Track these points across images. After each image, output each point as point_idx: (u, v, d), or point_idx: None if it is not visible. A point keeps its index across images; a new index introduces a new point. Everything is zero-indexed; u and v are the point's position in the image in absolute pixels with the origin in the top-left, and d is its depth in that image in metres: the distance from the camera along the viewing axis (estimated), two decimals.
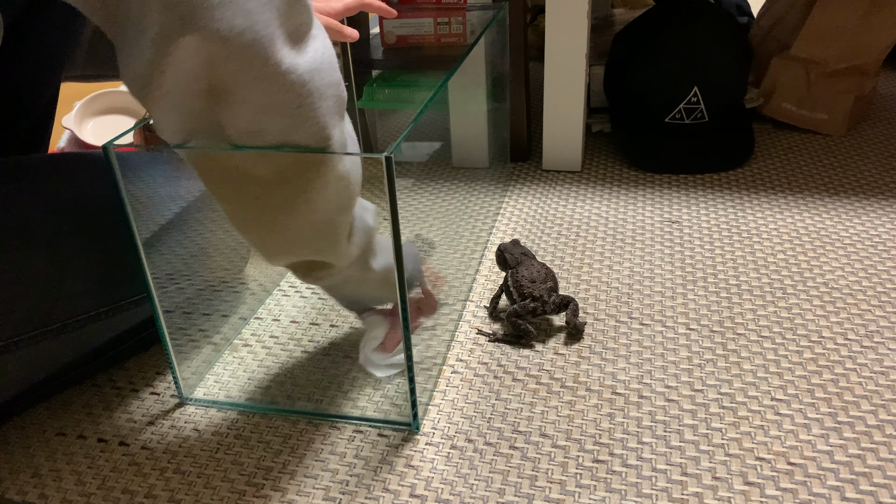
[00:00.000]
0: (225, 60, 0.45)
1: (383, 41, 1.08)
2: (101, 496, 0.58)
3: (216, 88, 0.47)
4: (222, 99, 0.47)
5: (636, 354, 0.71)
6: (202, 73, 0.46)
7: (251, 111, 0.48)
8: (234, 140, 0.50)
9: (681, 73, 1.09)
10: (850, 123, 1.20)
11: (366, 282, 0.63)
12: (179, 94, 0.47)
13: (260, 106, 0.48)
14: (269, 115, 0.48)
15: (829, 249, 0.88)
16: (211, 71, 0.46)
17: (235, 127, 0.49)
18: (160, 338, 0.65)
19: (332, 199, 0.54)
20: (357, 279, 0.62)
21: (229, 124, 0.49)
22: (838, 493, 0.56)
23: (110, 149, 0.56)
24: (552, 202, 1.02)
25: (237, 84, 0.46)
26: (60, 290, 0.61)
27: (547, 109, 1.07)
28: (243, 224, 0.56)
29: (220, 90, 0.47)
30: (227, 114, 0.48)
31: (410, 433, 0.63)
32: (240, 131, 0.49)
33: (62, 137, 1.18)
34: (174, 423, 0.66)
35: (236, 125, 0.49)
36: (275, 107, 0.48)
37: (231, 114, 0.48)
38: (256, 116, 0.48)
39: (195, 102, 0.47)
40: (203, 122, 0.49)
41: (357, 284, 0.63)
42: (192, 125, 0.49)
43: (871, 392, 0.65)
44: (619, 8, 1.61)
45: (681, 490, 0.57)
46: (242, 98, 0.47)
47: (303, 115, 0.50)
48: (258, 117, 0.48)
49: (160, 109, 0.48)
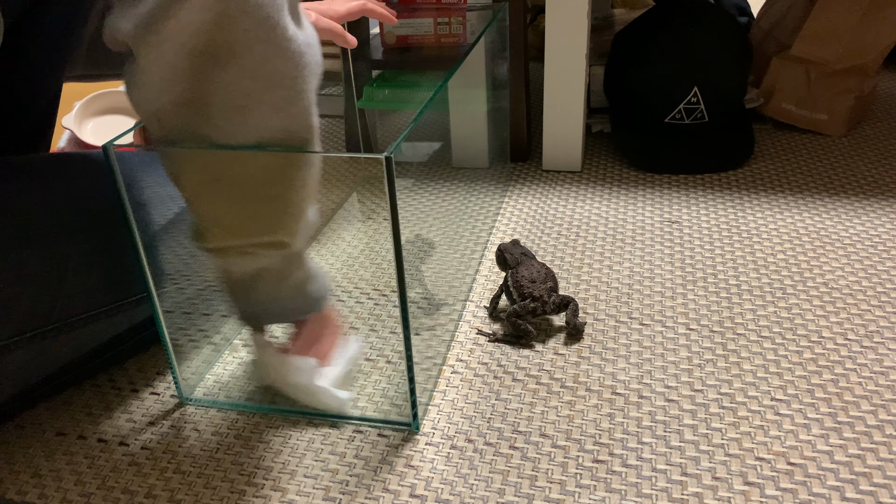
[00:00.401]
0: (237, 18, 0.45)
1: (383, 41, 1.08)
2: (101, 496, 0.58)
3: (216, 49, 0.46)
4: (219, 62, 0.47)
5: (636, 354, 0.71)
6: (207, 29, 0.45)
7: (248, 78, 0.48)
8: (214, 117, 0.49)
9: (681, 73, 1.09)
10: (850, 124, 1.20)
11: (290, 281, 0.60)
12: (175, 47, 0.46)
13: (258, 73, 0.48)
14: (264, 85, 0.48)
15: (829, 249, 0.88)
16: (217, 29, 0.45)
17: (224, 97, 0.48)
18: (160, 338, 0.65)
19: (310, 187, 0.56)
20: (285, 273, 0.60)
21: (217, 94, 0.48)
22: (838, 494, 0.56)
23: (110, 149, 0.56)
24: (552, 202, 1.02)
25: (242, 45, 0.46)
26: (60, 290, 0.61)
27: (547, 109, 1.07)
28: (205, 207, 0.55)
29: (220, 51, 0.47)
30: (220, 80, 0.48)
31: (410, 433, 0.63)
32: (227, 104, 0.49)
33: (62, 137, 1.18)
34: (174, 424, 0.66)
35: (226, 95, 0.48)
36: (273, 76, 0.48)
37: (224, 81, 0.48)
38: (253, 84, 0.48)
39: (185, 62, 0.47)
40: (185, 86, 0.48)
41: (281, 281, 0.60)
42: (174, 87, 0.48)
43: (871, 392, 0.65)
44: (619, 8, 1.61)
45: (681, 490, 0.57)
46: (242, 63, 0.47)
47: (297, 87, 0.50)
48: (254, 85, 0.48)
49: (148, 56, 0.47)
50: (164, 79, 0.48)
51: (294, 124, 0.52)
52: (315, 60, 0.51)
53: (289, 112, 0.51)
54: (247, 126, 0.50)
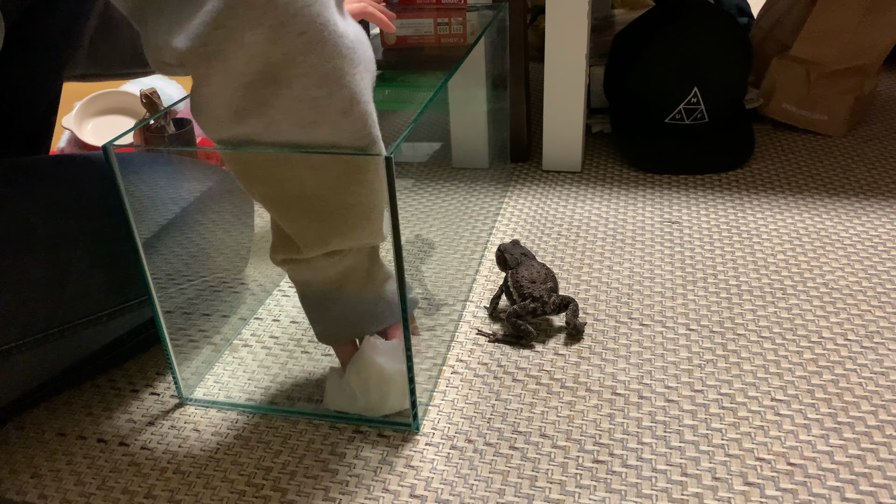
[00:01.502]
0: (288, 23, 0.45)
1: (383, 42, 1.08)
2: (101, 496, 0.58)
3: (276, 69, 0.46)
4: (282, 82, 0.46)
5: (636, 355, 0.71)
6: (262, 51, 0.45)
7: (313, 87, 0.47)
8: (286, 138, 0.49)
9: (681, 73, 1.09)
10: (850, 124, 1.20)
11: (375, 281, 0.61)
12: (233, 83, 0.46)
13: (322, 78, 0.47)
14: (329, 91, 0.48)
15: (829, 250, 0.88)
16: (271, 44, 0.45)
17: (293, 118, 0.48)
18: (160, 338, 0.65)
19: (376, 189, 0.55)
20: (370, 272, 0.60)
21: (286, 116, 0.48)
22: (838, 494, 0.56)
23: (110, 149, 0.56)
24: (552, 203, 1.02)
25: (300, 51, 0.46)
26: (62, 295, 0.60)
27: (547, 110, 1.07)
28: (290, 218, 0.55)
29: (280, 70, 0.46)
30: (286, 101, 0.47)
31: (410, 433, 0.63)
32: (297, 124, 0.49)
33: (62, 138, 1.18)
34: (174, 424, 0.66)
35: (296, 114, 0.48)
36: (335, 76, 0.48)
37: (290, 100, 0.47)
38: (318, 92, 0.48)
39: (247, 97, 0.47)
40: (253, 120, 0.48)
41: (367, 282, 0.61)
42: (241, 123, 0.48)
43: (872, 392, 0.65)
44: (619, 8, 1.61)
45: (681, 490, 0.57)
46: (305, 72, 0.46)
47: (357, 85, 0.49)
48: (320, 93, 0.48)
49: (209, 87, 0.46)
50: (228, 115, 0.48)
51: (360, 126, 0.51)
52: (368, 56, 0.51)
53: (354, 113, 0.50)
54: (319, 141, 0.50)
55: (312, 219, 0.55)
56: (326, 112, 0.49)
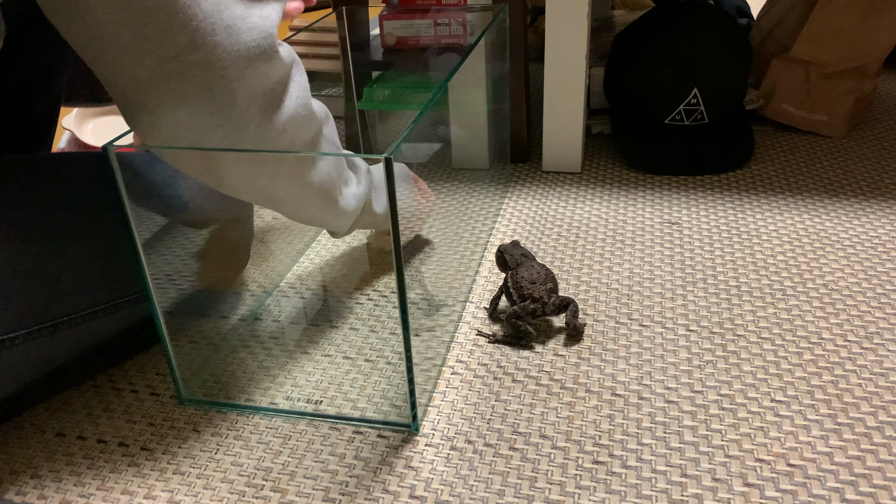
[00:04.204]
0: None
1: (383, 42, 1.08)
2: (101, 497, 0.58)
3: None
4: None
5: (636, 356, 0.71)
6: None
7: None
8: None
9: (680, 74, 1.09)
10: (849, 125, 1.20)
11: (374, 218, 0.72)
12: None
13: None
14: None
15: (829, 251, 0.88)
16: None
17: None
18: (160, 338, 0.65)
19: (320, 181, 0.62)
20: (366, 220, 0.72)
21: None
22: (838, 495, 0.56)
23: (110, 149, 0.56)
24: (552, 203, 1.02)
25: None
26: (56, 288, 0.60)
27: (547, 111, 1.07)
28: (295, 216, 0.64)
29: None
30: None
31: (410, 434, 0.63)
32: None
33: (62, 138, 1.18)
34: (173, 424, 0.66)
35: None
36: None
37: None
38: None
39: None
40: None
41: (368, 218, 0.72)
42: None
43: (872, 393, 0.65)
44: (618, 9, 1.61)
45: (680, 491, 0.57)
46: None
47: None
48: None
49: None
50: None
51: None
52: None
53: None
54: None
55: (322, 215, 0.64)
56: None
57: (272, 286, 0.85)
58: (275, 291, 0.85)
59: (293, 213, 0.62)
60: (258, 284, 0.84)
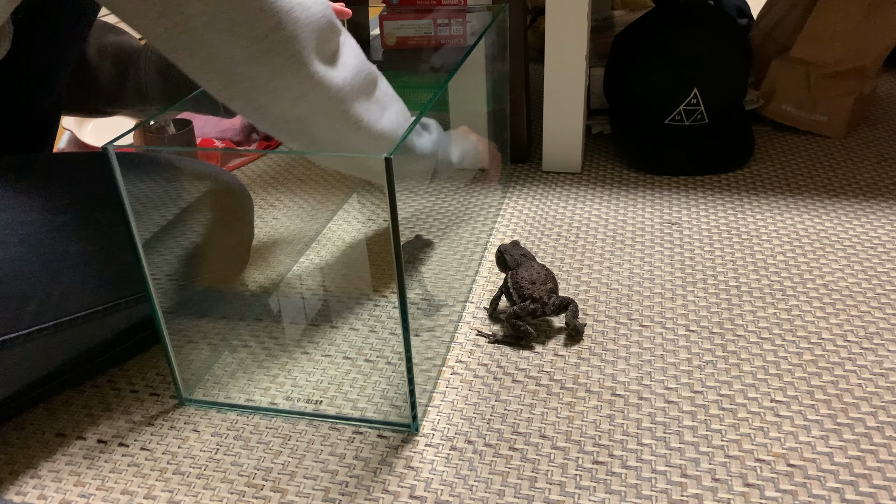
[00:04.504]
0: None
1: (383, 43, 1.08)
2: (101, 497, 0.58)
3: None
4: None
5: (636, 356, 0.71)
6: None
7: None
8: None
9: (680, 74, 1.09)
10: (849, 125, 1.20)
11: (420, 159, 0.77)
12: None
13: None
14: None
15: (829, 251, 0.88)
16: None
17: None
18: (160, 338, 0.65)
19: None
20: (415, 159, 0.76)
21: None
22: (838, 495, 0.56)
23: (110, 149, 0.56)
24: (552, 204, 1.02)
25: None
26: (55, 288, 0.60)
27: (547, 111, 1.07)
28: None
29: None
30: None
31: (410, 434, 0.63)
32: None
33: (62, 138, 1.18)
34: (173, 424, 0.66)
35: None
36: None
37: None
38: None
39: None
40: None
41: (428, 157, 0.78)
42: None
43: (871, 394, 0.65)
44: (618, 9, 1.61)
45: (680, 492, 0.57)
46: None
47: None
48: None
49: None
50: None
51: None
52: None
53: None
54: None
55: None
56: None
57: (272, 286, 0.85)
58: (275, 291, 0.85)
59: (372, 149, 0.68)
60: (258, 284, 0.84)
